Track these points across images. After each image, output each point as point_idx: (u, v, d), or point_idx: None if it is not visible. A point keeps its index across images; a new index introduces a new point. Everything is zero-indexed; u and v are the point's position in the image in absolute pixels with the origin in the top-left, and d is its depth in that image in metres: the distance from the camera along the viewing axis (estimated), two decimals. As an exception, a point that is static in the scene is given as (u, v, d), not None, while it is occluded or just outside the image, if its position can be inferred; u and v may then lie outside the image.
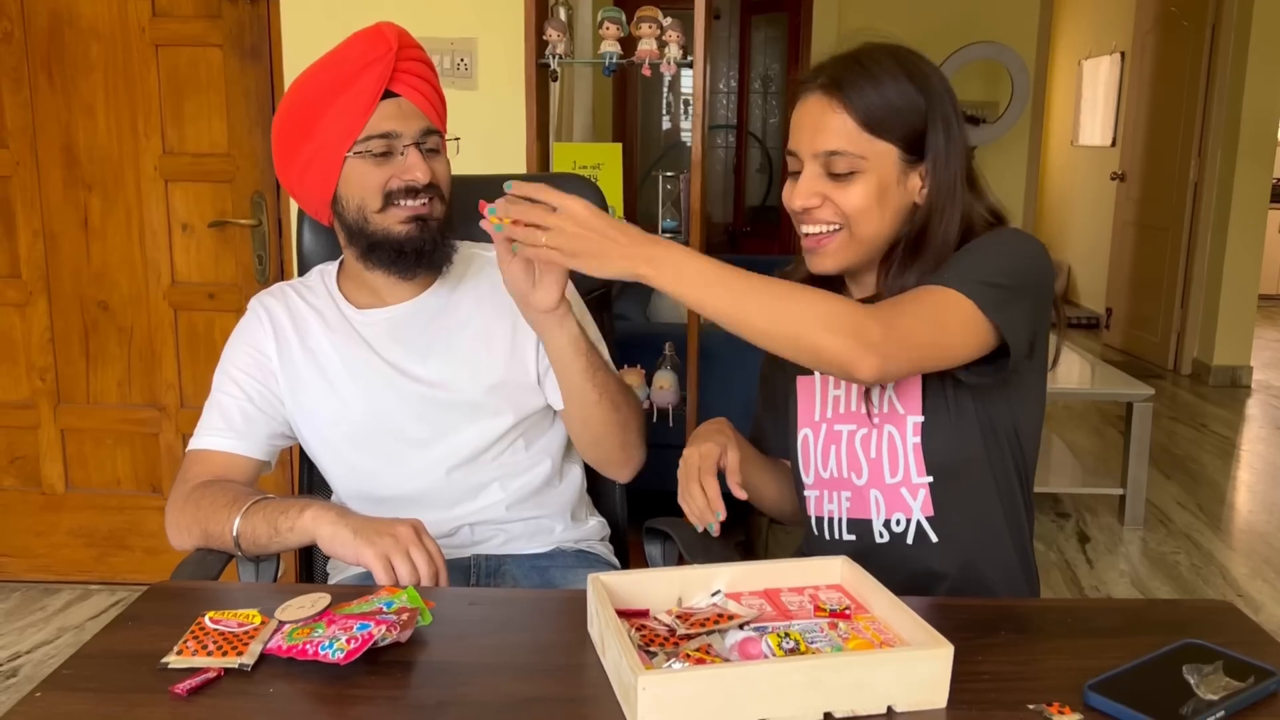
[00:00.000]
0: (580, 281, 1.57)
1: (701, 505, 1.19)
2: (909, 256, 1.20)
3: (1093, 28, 7.48)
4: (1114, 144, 6.91)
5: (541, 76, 2.55)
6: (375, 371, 1.42)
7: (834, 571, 1.09)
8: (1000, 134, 5.92)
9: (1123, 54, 6.78)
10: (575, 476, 1.54)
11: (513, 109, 2.55)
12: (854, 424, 1.26)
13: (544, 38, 2.49)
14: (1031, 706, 0.87)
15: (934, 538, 1.23)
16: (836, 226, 1.20)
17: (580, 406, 1.39)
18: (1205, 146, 5.58)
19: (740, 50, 6.78)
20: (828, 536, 1.30)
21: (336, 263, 1.51)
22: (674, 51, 2.48)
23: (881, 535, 1.25)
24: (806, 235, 1.22)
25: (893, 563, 1.22)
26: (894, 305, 1.10)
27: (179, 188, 2.74)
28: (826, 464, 1.29)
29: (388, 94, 1.33)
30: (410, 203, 1.35)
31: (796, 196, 1.20)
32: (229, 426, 1.41)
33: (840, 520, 1.29)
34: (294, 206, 2.63)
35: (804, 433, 1.32)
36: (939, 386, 1.21)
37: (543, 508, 1.47)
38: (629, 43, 2.53)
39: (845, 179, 1.17)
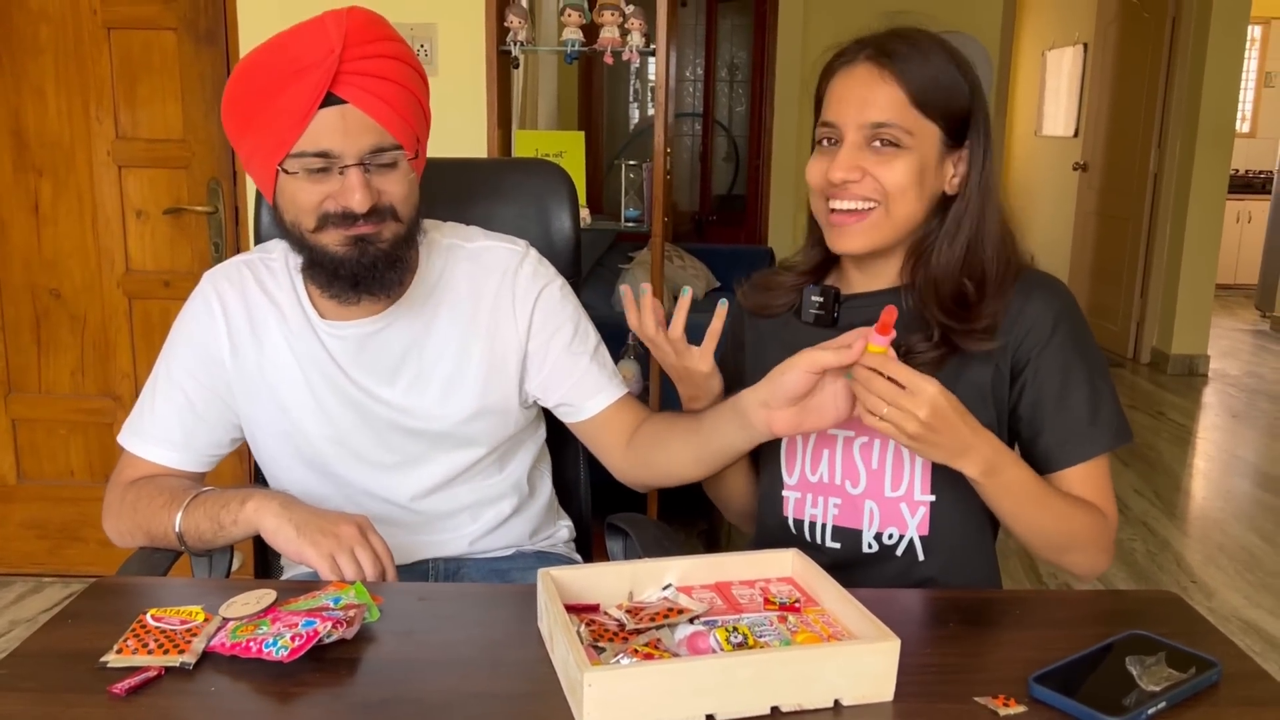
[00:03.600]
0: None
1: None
2: (948, 247, 1.19)
3: (1056, 18, 7.54)
4: (1076, 134, 6.97)
5: (503, 63, 2.53)
6: (339, 390, 1.30)
7: (785, 564, 1.09)
8: (964, 124, 5.96)
9: (1085, 45, 6.83)
10: (545, 491, 1.49)
11: (474, 96, 2.53)
12: (851, 430, 1.23)
13: (505, 24, 2.47)
14: (977, 699, 0.88)
15: (922, 555, 1.22)
16: (873, 203, 1.17)
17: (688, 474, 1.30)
18: (1165, 138, 5.64)
19: (707, 38, 6.75)
20: (809, 539, 1.27)
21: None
22: (636, 39, 2.47)
23: (870, 546, 1.23)
24: (836, 211, 1.19)
25: (874, 571, 1.23)
26: (1105, 500, 1.19)
27: (133, 174, 2.69)
28: (816, 468, 1.25)
29: (333, 99, 1.13)
30: (347, 229, 1.18)
31: (837, 168, 1.16)
32: (165, 437, 1.32)
33: (825, 526, 1.25)
34: (251, 192, 2.60)
35: None
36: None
37: (510, 535, 1.41)
38: (592, 30, 2.51)
39: (889, 153, 1.15)
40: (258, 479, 1.58)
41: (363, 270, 1.20)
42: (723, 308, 1.21)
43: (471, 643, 1.00)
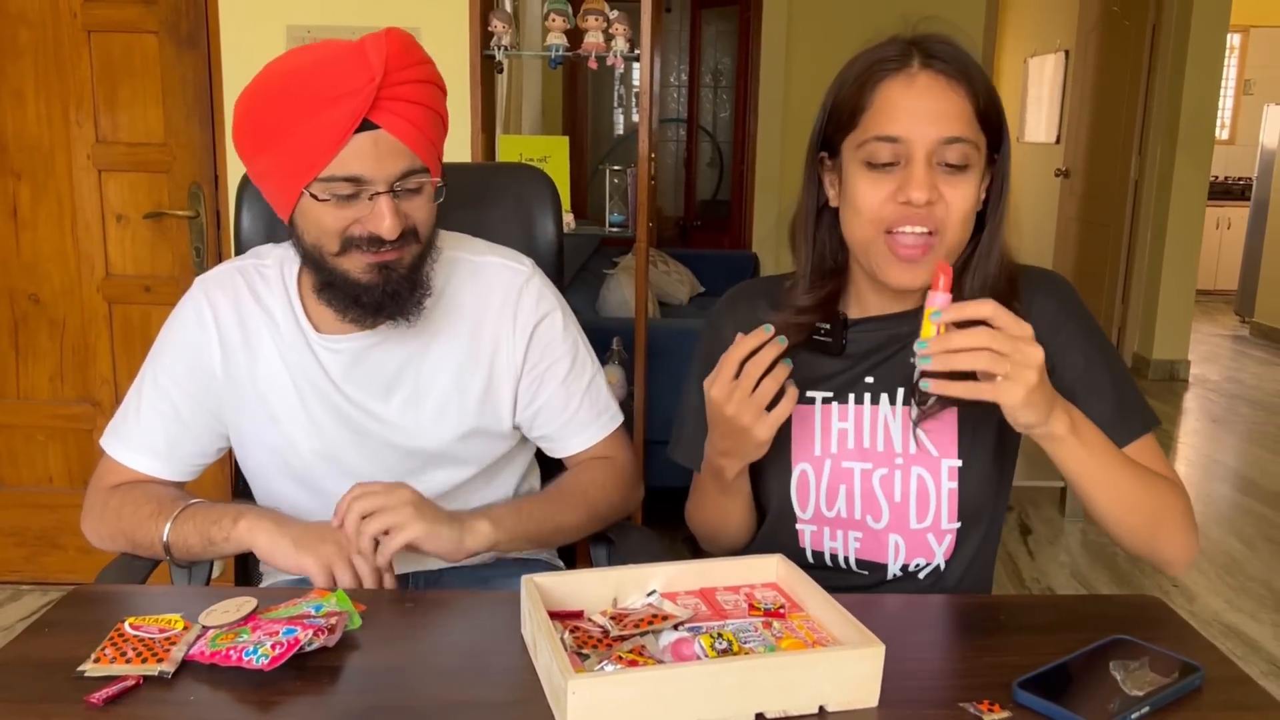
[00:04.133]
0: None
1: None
2: (984, 268, 1.12)
3: (1038, 26, 7.59)
4: (1058, 141, 7.02)
5: (486, 68, 2.53)
6: (331, 405, 1.28)
7: (769, 570, 1.08)
8: (947, 130, 6.00)
9: (1067, 52, 6.88)
10: None
11: (457, 100, 2.49)
12: (868, 463, 1.17)
13: (489, 29, 2.47)
14: (962, 704, 0.88)
15: (944, 574, 1.19)
16: (930, 232, 1.07)
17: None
18: (1145, 144, 5.68)
19: (691, 43, 6.77)
20: (830, 567, 1.22)
21: (299, 259, 1.29)
22: (620, 45, 2.47)
23: (896, 575, 1.19)
24: (906, 238, 1.07)
25: (897, 592, 1.20)
26: (1169, 471, 1.13)
27: (113, 177, 2.67)
28: (833, 503, 1.19)
29: (366, 124, 1.10)
30: (372, 255, 1.16)
31: (918, 187, 1.04)
32: (149, 446, 1.29)
33: (848, 559, 1.20)
34: (233, 197, 2.58)
35: (801, 468, 1.19)
36: (976, 429, 1.15)
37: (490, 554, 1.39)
38: (576, 35, 2.52)
39: (957, 173, 1.06)
40: (238, 489, 1.56)
41: (386, 298, 1.18)
42: (794, 391, 1.06)
43: (454, 650, 0.99)
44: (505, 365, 1.32)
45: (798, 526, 1.22)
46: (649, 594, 1.03)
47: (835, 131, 1.13)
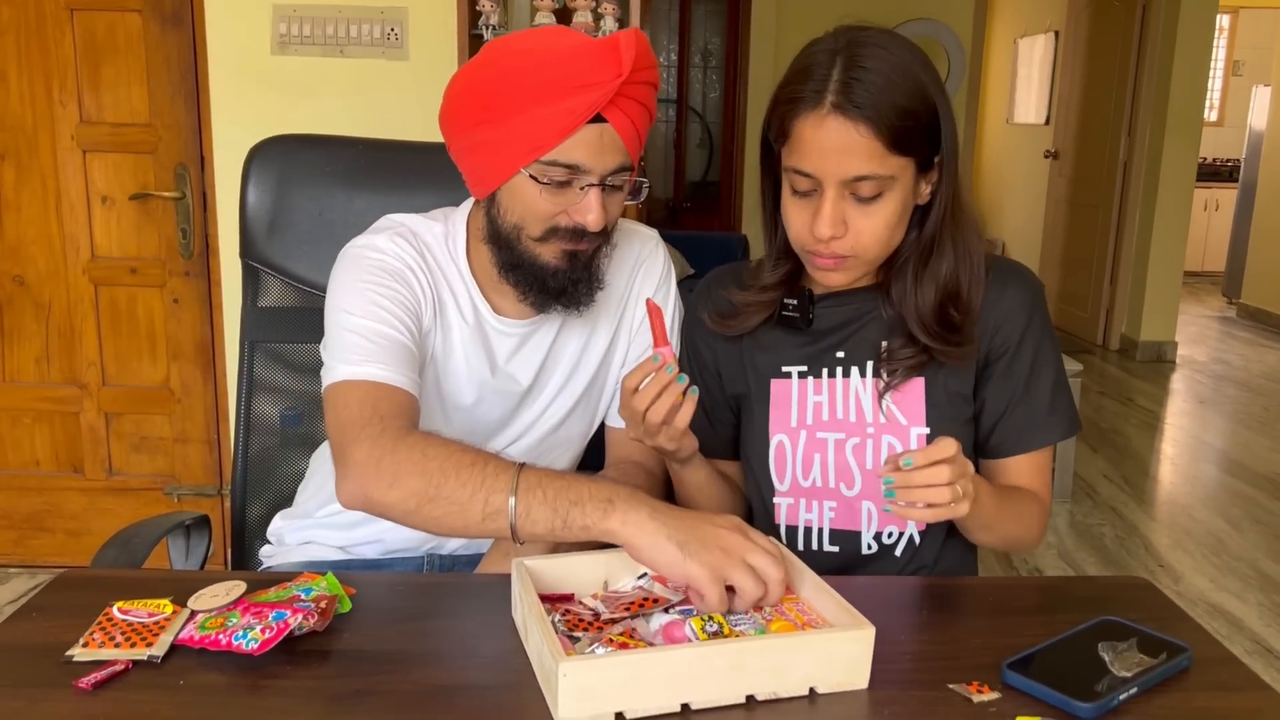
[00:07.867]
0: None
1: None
2: (921, 266, 1.17)
3: (1028, 6, 7.57)
4: (1048, 122, 7.03)
5: (475, 47, 2.51)
6: (489, 386, 1.29)
7: (760, 552, 1.08)
8: (937, 111, 5.99)
9: (1057, 33, 6.87)
10: None
11: (444, 80, 2.48)
12: (841, 432, 1.22)
13: (477, 8, 2.44)
14: (951, 686, 0.88)
15: (919, 546, 1.22)
16: (850, 257, 1.14)
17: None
18: (1135, 126, 5.69)
19: (680, 24, 6.73)
20: (802, 547, 1.25)
21: (463, 234, 1.28)
22: (609, 24, 2.45)
23: (870, 547, 1.22)
24: (823, 260, 1.15)
25: (872, 570, 1.22)
26: (1045, 486, 1.24)
27: (98, 158, 2.64)
28: (808, 473, 1.23)
29: (597, 116, 1.12)
30: (569, 244, 1.18)
31: (823, 224, 1.10)
32: (408, 365, 1.16)
33: (822, 530, 1.24)
34: (219, 178, 2.57)
35: (778, 439, 1.24)
36: (943, 396, 1.20)
37: None
38: (565, 14, 2.49)
39: (870, 202, 1.11)
40: (239, 466, 1.52)
41: (570, 283, 1.20)
42: (693, 398, 1.11)
43: (444, 633, 0.99)
44: (627, 326, 1.36)
45: (775, 500, 1.26)
46: (640, 577, 1.03)
47: (774, 138, 1.17)
